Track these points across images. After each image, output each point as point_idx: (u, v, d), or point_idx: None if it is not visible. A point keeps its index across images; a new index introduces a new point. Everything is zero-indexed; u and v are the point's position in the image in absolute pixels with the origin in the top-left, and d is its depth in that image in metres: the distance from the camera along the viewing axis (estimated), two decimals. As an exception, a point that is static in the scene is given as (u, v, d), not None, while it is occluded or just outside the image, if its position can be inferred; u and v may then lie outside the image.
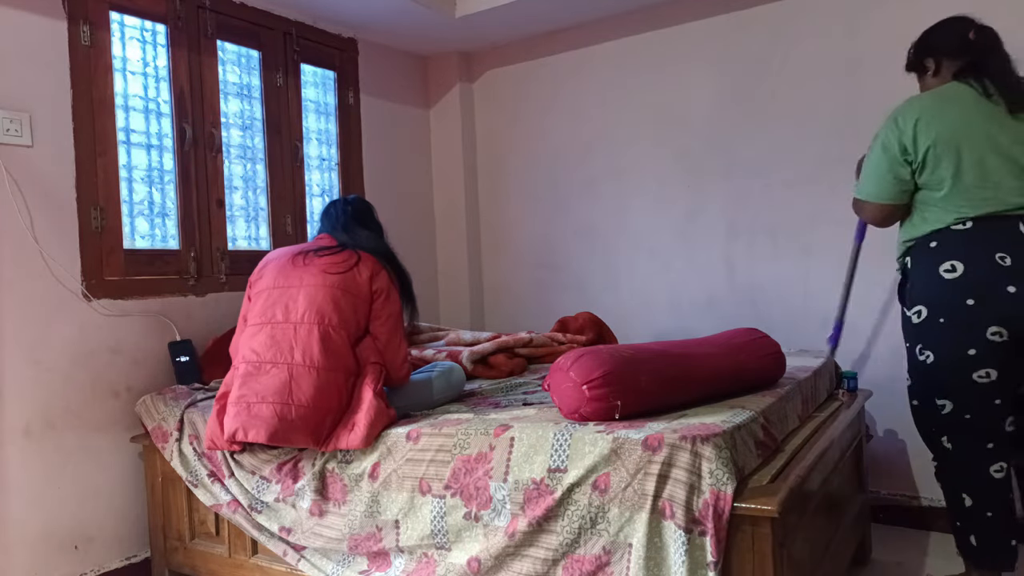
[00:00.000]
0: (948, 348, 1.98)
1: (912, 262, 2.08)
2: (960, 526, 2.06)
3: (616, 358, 1.72)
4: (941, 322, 1.98)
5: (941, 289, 1.97)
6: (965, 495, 2.04)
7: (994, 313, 1.90)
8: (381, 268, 2.09)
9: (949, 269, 1.95)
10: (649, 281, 3.35)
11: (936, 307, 1.99)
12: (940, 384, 2.03)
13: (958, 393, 2.00)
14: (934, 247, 2.00)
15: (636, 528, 1.52)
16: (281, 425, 1.89)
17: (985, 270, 1.91)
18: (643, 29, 3.31)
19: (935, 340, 2.01)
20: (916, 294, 2.05)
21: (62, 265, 2.36)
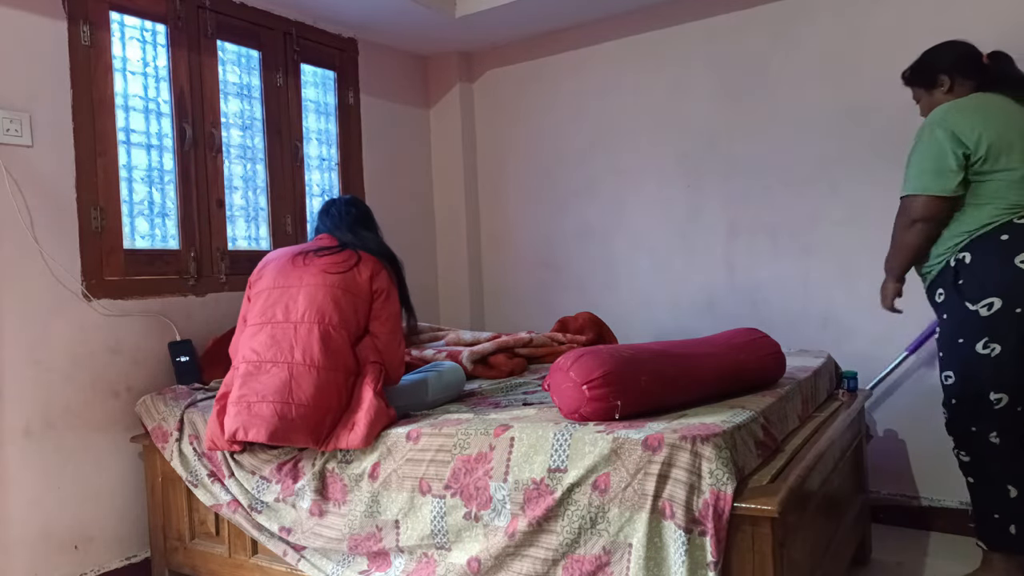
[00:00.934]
0: (1019, 338, 2.01)
1: (973, 256, 2.07)
2: (999, 518, 2.10)
3: (616, 358, 1.72)
4: (1018, 312, 2.00)
5: (1020, 279, 1.99)
6: (1011, 486, 2.07)
7: None
8: (382, 268, 2.09)
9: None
10: (649, 281, 3.35)
11: (1013, 297, 2.00)
12: (1001, 378, 2.05)
13: (1016, 383, 2.04)
14: (1006, 240, 2.03)
15: (636, 528, 1.52)
16: (281, 424, 1.89)
17: None
18: (643, 29, 3.31)
19: (1007, 331, 2.02)
20: (987, 286, 2.03)
21: (62, 265, 2.36)
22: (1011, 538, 2.09)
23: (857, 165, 2.83)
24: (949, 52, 2.23)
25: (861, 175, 2.82)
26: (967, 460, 2.16)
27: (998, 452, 2.09)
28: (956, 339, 2.11)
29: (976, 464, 2.14)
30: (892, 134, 2.75)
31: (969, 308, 2.07)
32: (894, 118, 2.75)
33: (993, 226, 2.05)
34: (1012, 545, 2.10)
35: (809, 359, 2.41)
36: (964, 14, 2.62)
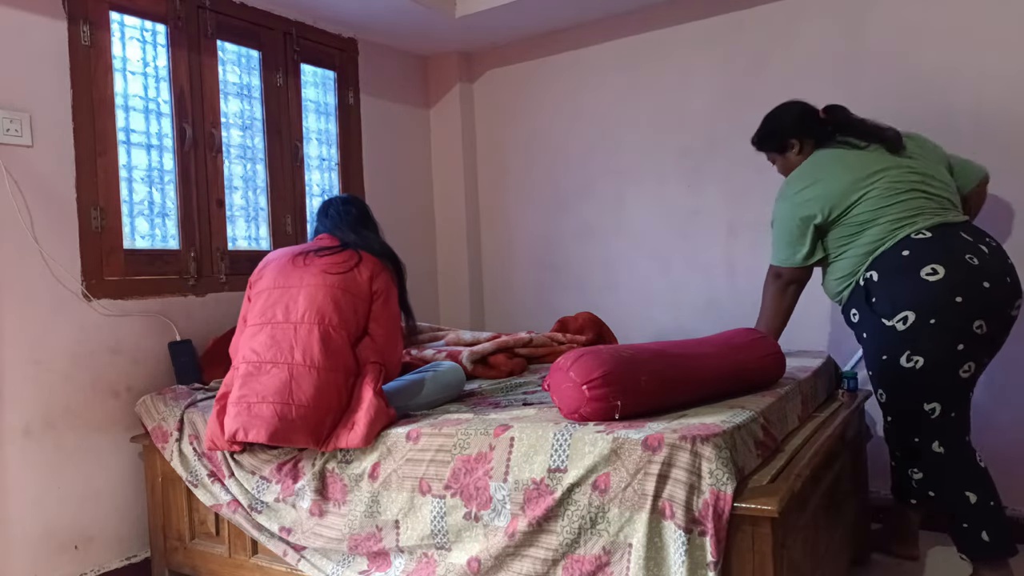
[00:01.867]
0: (940, 348, 2.02)
1: (880, 274, 2.11)
2: (968, 527, 2.08)
3: (616, 358, 1.72)
4: (932, 323, 2.01)
5: (929, 292, 2.01)
6: (968, 493, 2.07)
7: (977, 307, 2.01)
8: (382, 269, 2.09)
9: (931, 272, 2.02)
10: (649, 281, 3.35)
11: (926, 310, 2.02)
12: (929, 387, 2.07)
13: (946, 393, 2.07)
14: (907, 256, 2.07)
15: (636, 528, 1.52)
16: (281, 425, 1.89)
17: (963, 270, 2.01)
18: (643, 29, 3.31)
19: (926, 343, 2.03)
20: (899, 301, 2.06)
21: (62, 265, 2.36)
22: (986, 545, 2.07)
23: (857, 165, 2.83)
24: (790, 115, 2.38)
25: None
26: (920, 477, 2.18)
27: (944, 461, 2.10)
28: (880, 356, 2.13)
29: (929, 478, 2.16)
30: (892, 134, 2.75)
31: (886, 324, 2.09)
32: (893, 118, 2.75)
33: (891, 242, 2.10)
34: (989, 552, 2.07)
35: (809, 359, 2.41)
36: (964, 14, 2.62)
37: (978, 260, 2.03)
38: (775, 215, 2.31)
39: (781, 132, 2.39)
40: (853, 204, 2.16)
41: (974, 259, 2.02)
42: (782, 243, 2.27)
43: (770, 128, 2.43)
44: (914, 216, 2.11)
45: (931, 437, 2.11)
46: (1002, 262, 2.08)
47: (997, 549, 2.07)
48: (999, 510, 2.09)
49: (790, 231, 2.24)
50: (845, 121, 2.31)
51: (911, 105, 2.71)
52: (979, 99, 2.60)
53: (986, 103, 2.59)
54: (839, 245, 2.21)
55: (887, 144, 2.22)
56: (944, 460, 2.10)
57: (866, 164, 2.18)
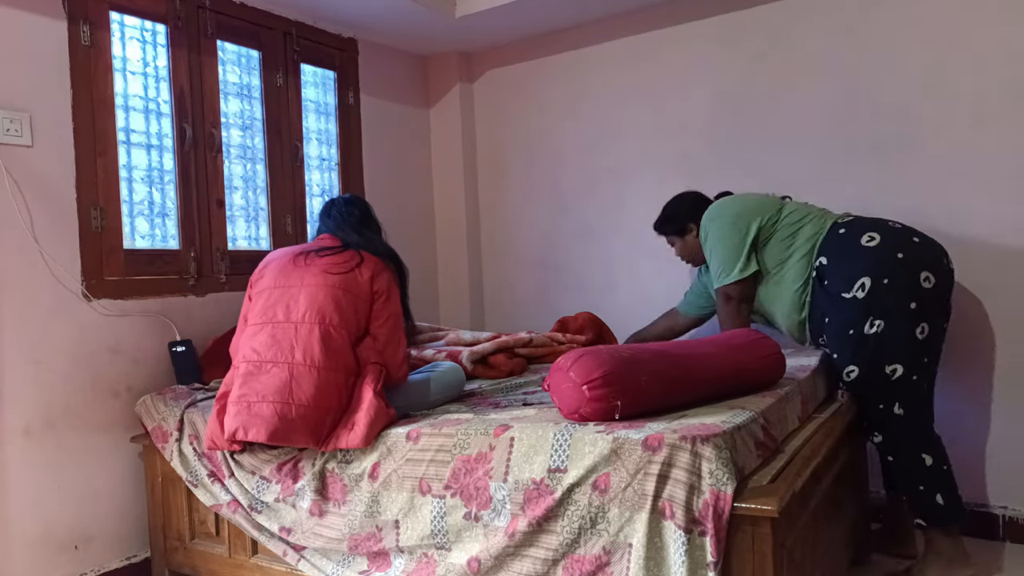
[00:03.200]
0: (896, 307, 2.17)
1: (829, 257, 2.28)
2: (924, 489, 2.18)
3: (616, 358, 1.72)
4: (885, 283, 2.17)
5: (874, 255, 2.20)
6: (924, 455, 2.19)
7: (916, 259, 2.19)
8: (384, 269, 2.09)
9: (869, 239, 2.23)
10: (649, 281, 3.35)
11: (878, 272, 2.18)
12: (891, 350, 2.18)
13: (906, 354, 2.18)
14: (843, 233, 2.29)
15: (636, 528, 1.52)
16: (281, 424, 1.89)
17: (895, 233, 2.25)
18: (643, 29, 3.31)
19: (884, 304, 2.17)
20: (853, 271, 2.21)
21: (62, 265, 2.36)
22: (940, 508, 2.16)
23: (856, 165, 2.83)
24: (686, 202, 2.67)
25: (860, 175, 2.82)
26: (879, 440, 2.25)
27: (903, 423, 2.20)
28: (847, 331, 2.23)
29: (888, 441, 2.23)
30: (891, 134, 2.75)
31: (846, 297, 2.22)
32: (893, 118, 2.75)
33: (826, 229, 2.32)
34: (944, 516, 2.17)
35: (809, 359, 2.41)
36: (963, 13, 2.62)
37: (900, 225, 2.29)
38: (709, 241, 2.46)
39: (678, 217, 2.66)
40: (780, 210, 2.41)
41: (896, 224, 2.30)
42: (725, 260, 2.41)
43: (668, 214, 2.70)
44: (829, 215, 2.40)
45: (892, 399, 2.20)
46: (915, 229, 2.30)
47: (950, 512, 2.17)
48: (951, 475, 2.20)
49: (732, 246, 2.39)
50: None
51: (910, 105, 2.71)
52: (979, 99, 2.60)
53: (986, 103, 2.59)
54: (781, 251, 2.37)
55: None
56: (903, 422, 2.20)
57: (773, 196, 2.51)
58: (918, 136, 2.71)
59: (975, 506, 2.62)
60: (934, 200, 2.67)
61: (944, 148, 2.66)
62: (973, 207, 2.62)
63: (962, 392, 2.65)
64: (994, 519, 2.60)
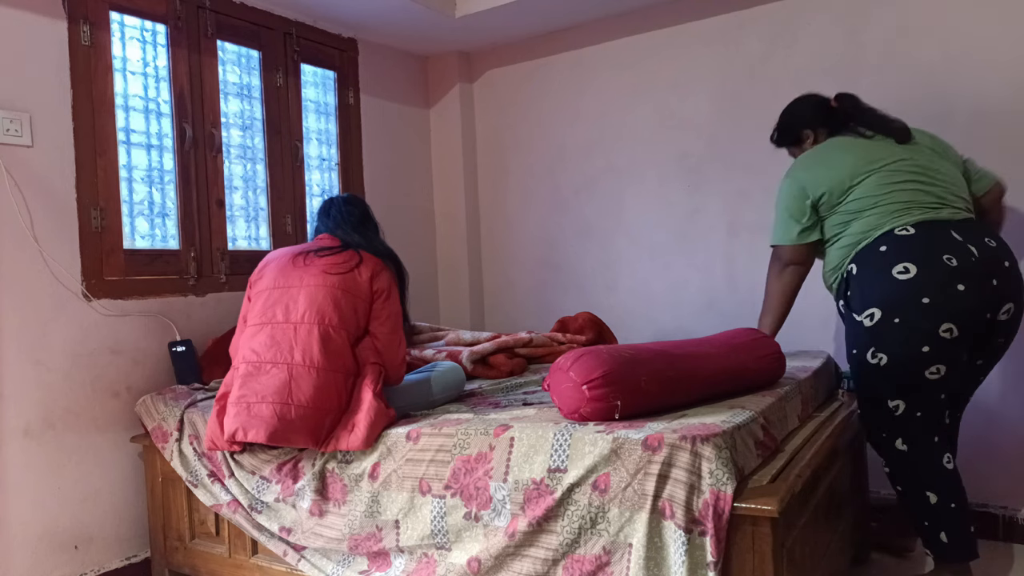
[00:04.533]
0: (903, 348, 2.01)
1: (859, 268, 2.11)
2: (928, 525, 2.09)
3: (616, 358, 1.72)
4: (896, 322, 2.00)
5: (897, 290, 2.00)
6: (929, 493, 2.07)
7: (946, 311, 1.97)
8: (383, 269, 2.09)
9: (903, 271, 2.00)
10: (649, 281, 3.35)
11: (891, 308, 2.01)
12: (893, 385, 2.05)
13: (911, 392, 2.04)
14: (884, 251, 2.05)
15: (636, 528, 1.52)
16: (281, 425, 1.89)
17: (937, 270, 1.98)
18: (643, 29, 3.31)
19: (890, 341, 2.02)
20: (868, 297, 2.06)
21: (62, 265, 2.36)
22: (944, 546, 2.06)
23: (857, 165, 2.83)
24: (803, 108, 2.41)
25: (861, 175, 2.82)
26: (888, 471, 2.16)
27: (907, 460, 2.09)
28: (851, 349, 2.15)
29: (896, 474, 2.14)
30: (892, 134, 2.75)
31: (856, 319, 2.10)
32: (894, 118, 2.75)
33: (874, 237, 2.10)
34: (947, 554, 2.06)
35: (809, 359, 2.41)
36: (962, 13, 2.62)
37: (957, 261, 1.98)
38: (778, 195, 2.30)
39: (795, 125, 2.41)
40: (849, 189, 2.15)
41: (952, 260, 1.98)
42: (780, 221, 2.28)
43: (784, 123, 2.45)
44: (904, 210, 2.09)
45: (895, 434, 2.10)
46: (994, 264, 2.02)
47: (956, 551, 2.06)
48: (961, 513, 2.06)
49: (788, 208, 2.24)
50: (855, 109, 2.31)
51: (911, 105, 2.71)
52: (979, 99, 2.60)
53: (986, 103, 2.59)
54: (834, 233, 2.21)
55: (894, 135, 2.22)
56: (906, 457, 2.09)
57: (869, 153, 2.18)
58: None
59: (975, 506, 2.61)
60: (934, 200, 2.67)
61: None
62: (973, 207, 2.62)
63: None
64: (994, 519, 2.60)
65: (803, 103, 2.42)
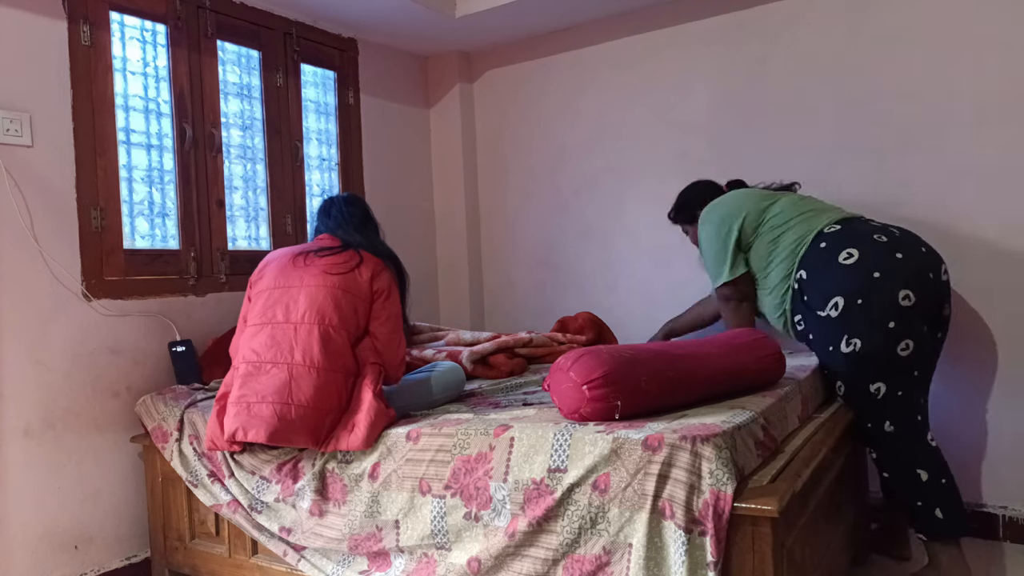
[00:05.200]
0: (872, 327, 2.10)
1: (808, 271, 2.24)
2: (921, 505, 2.15)
3: (616, 358, 1.72)
4: (859, 303, 2.11)
5: (849, 275, 2.13)
6: (920, 471, 2.15)
7: (896, 278, 2.11)
8: (383, 268, 2.09)
9: (847, 256, 2.16)
10: (649, 281, 3.35)
11: (851, 292, 2.12)
12: (871, 369, 2.13)
13: (888, 372, 2.13)
14: (824, 247, 2.22)
15: (636, 528, 1.52)
16: (281, 425, 1.89)
17: (875, 247, 2.16)
18: (643, 29, 3.31)
19: (859, 324, 2.12)
20: (827, 291, 2.17)
21: (62, 265, 2.36)
22: (939, 522, 2.13)
23: (857, 165, 2.83)
24: (696, 189, 2.72)
25: (861, 174, 2.82)
26: (875, 457, 2.24)
27: (895, 439, 2.17)
28: (827, 347, 2.21)
29: (883, 458, 2.21)
30: (892, 134, 2.75)
31: (821, 316, 2.19)
32: (894, 117, 2.75)
33: (809, 239, 2.27)
34: (944, 530, 2.14)
35: (809, 359, 2.41)
36: (962, 13, 2.62)
37: (886, 238, 2.18)
38: (702, 244, 2.50)
39: (689, 205, 2.70)
40: (766, 209, 2.39)
41: (882, 237, 2.18)
42: (716, 262, 2.43)
43: (680, 203, 2.74)
44: (820, 217, 2.32)
45: (881, 417, 2.16)
46: (914, 237, 2.23)
47: (951, 527, 2.13)
48: (952, 488, 2.15)
49: (717, 249, 2.42)
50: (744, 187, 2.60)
51: (911, 105, 2.71)
52: (979, 99, 2.60)
53: (986, 103, 2.59)
54: (765, 254, 2.37)
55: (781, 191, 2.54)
56: (894, 438, 2.16)
57: (766, 192, 2.50)
58: (918, 136, 2.71)
59: (974, 506, 2.62)
60: (933, 200, 2.67)
61: (944, 148, 2.66)
62: (973, 207, 2.62)
63: (961, 392, 2.65)
64: (994, 519, 2.60)
65: (697, 185, 2.74)
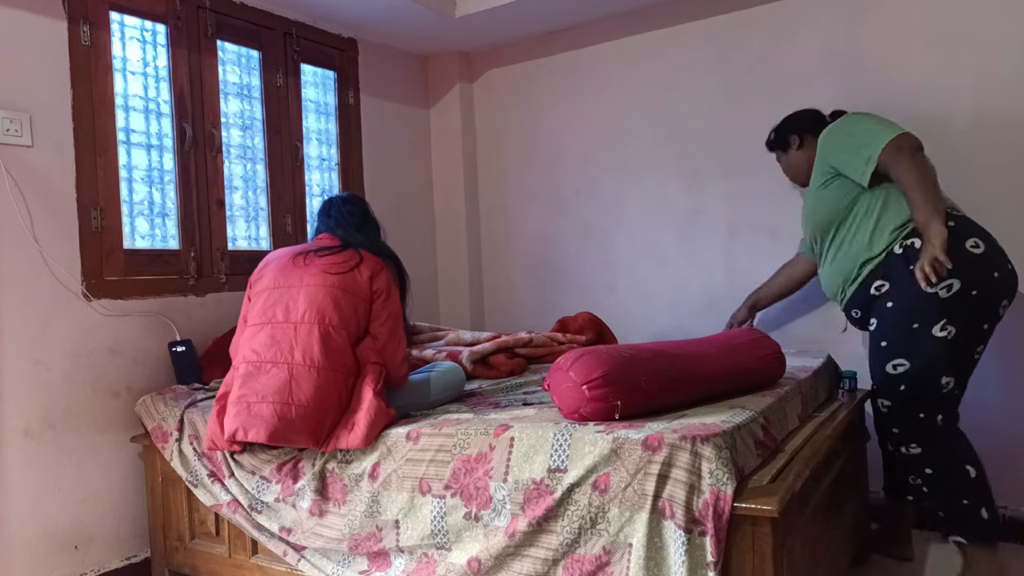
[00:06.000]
0: (971, 321, 2.06)
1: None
2: (968, 504, 2.10)
3: (616, 358, 1.72)
4: (974, 294, 2.04)
5: (975, 263, 2.05)
6: (969, 467, 2.11)
7: (1006, 287, 2.09)
8: (383, 268, 2.09)
9: (975, 245, 2.08)
10: (649, 281, 3.35)
11: (970, 279, 2.04)
12: (951, 361, 2.08)
13: (962, 368, 2.11)
14: (952, 226, 2.08)
15: (636, 528, 1.52)
16: (281, 425, 1.89)
17: (996, 250, 2.10)
18: (643, 29, 3.31)
19: (963, 314, 2.05)
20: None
21: (62, 265, 2.36)
22: (985, 523, 2.10)
23: (857, 165, 2.83)
24: (793, 116, 2.60)
25: (861, 175, 2.82)
26: (919, 452, 2.16)
27: (945, 434, 2.14)
28: (910, 324, 2.11)
29: (931, 453, 2.15)
30: (892, 134, 2.75)
31: (928, 291, 2.04)
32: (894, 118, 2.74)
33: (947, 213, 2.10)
34: (990, 532, 2.11)
35: (809, 359, 2.41)
36: (962, 13, 2.62)
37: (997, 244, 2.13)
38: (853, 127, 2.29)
39: (784, 129, 2.60)
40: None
41: (997, 241, 2.14)
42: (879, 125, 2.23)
43: (775, 129, 2.64)
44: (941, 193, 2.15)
45: (936, 410, 2.12)
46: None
47: (994, 528, 2.11)
48: (990, 490, 2.13)
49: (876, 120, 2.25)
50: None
51: (911, 105, 2.71)
52: (979, 99, 2.60)
53: (986, 103, 2.59)
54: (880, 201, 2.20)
55: None
56: (945, 433, 2.14)
57: None
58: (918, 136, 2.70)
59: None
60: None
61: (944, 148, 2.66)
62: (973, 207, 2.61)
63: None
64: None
65: (801, 112, 2.60)
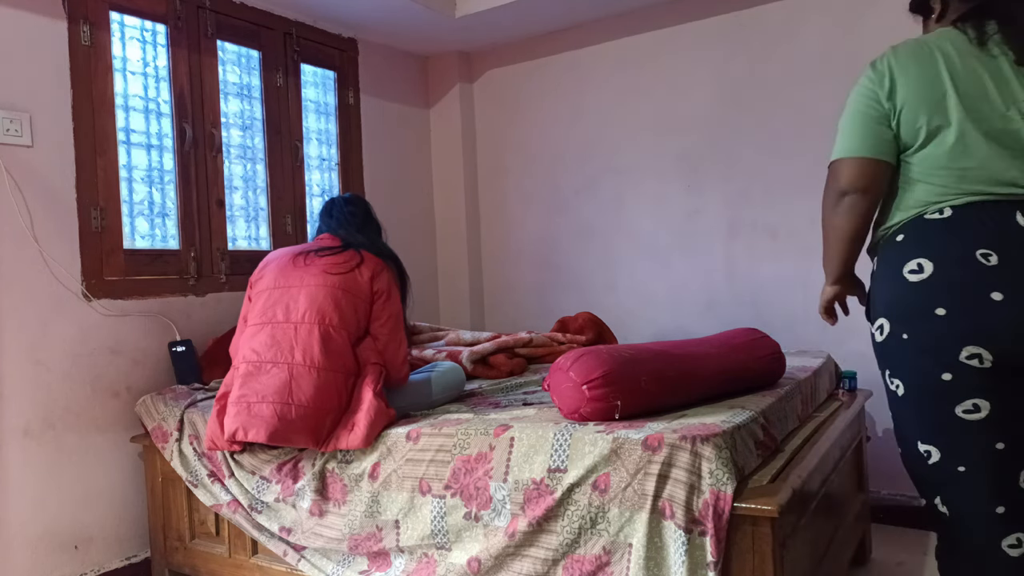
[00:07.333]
0: (918, 373, 1.47)
1: (878, 262, 1.58)
2: None
3: (616, 358, 1.72)
4: (904, 339, 1.47)
5: (904, 294, 1.46)
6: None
7: (969, 327, 1.39)
8: (383, 269, 2.09)
9: (915, 269, 1.45)
10: (649, 281, 3.35)
11: (898, 319, 1.48)
12: (917, 424, 1.50)
13: (942, 435, 1.47)
14: (900, 241, 1.51)
15: (636, 528, 1.52)
16: (281, 425, 1.89)
17: (964, 271, 1.40)
18: (643, 29, 3.31)
19: (900, 364, 1.50)
20: (877, 304, 1.54)
21: (62, 265, 2.36)
22: None
23: (857, 165, 2.83)
24: None
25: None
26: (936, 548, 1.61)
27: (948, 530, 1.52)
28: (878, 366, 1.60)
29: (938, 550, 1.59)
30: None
31: (871, 329, 1.58)
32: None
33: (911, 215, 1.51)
34: None
35: (809, 359, 2.41)
36: (964, 14, 2.62)
37: (999, 259, 1.38)
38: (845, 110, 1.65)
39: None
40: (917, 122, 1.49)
41: (992, 257, 1.39)
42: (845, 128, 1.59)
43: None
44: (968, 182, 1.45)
45: (932, 489, 1.52)
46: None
47: None
48: None
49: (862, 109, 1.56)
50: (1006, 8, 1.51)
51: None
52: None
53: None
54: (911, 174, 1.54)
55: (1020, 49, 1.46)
56: (948, 526, 1.51)
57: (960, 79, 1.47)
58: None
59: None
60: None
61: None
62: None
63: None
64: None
65: None
